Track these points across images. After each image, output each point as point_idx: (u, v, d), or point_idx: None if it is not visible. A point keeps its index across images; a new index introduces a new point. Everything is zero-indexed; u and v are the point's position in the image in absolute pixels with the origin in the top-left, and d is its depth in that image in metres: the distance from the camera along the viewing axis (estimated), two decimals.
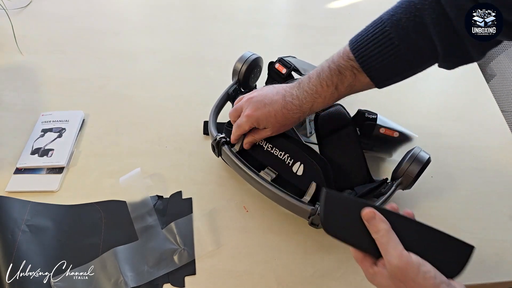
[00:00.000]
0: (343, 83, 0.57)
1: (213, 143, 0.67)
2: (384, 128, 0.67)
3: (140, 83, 0.91)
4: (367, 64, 0.55)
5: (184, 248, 0.63)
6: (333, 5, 1.13)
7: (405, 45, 0.53)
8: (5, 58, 0.96)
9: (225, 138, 0.67)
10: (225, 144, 0.66)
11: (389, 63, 0.55)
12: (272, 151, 0.64)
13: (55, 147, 0.76)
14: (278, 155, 0.64)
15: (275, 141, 0.64)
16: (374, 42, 0.55)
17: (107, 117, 0.83)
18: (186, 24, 1.08)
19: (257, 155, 0.65)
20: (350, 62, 0.57)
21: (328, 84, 0.57)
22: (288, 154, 0.63)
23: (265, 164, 0.65)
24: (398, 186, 0.61)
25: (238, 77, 0.75)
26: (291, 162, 0.63)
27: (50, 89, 0.89)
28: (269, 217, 0.67)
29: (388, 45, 0.54)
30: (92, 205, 0.68)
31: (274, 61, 0.77)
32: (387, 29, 0.54)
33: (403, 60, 0.55)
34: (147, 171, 0.73)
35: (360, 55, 0.56)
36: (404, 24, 0.53)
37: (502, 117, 0.82)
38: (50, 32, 1.04)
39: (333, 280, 0.60)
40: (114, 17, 1.10)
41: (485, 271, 0.60)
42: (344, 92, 0.58)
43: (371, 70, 0.56)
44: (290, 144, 0.63)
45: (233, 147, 0.67)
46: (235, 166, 0.65)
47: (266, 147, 0.65)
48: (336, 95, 0.58)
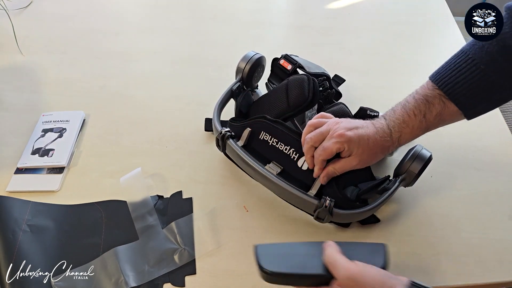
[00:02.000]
0: (431, 112, 0.56)
1: (218, 137, 0.67)
2: None
3: (141, 83, 0.91)
4: (453, 90, 0.54)
5: (184, 248, 0.63)
6: (333, 5, 1.13)
7: (492, 69, 0.52)
8: (6, 58, 0.96)
9: (230, 132, 0.66)
10: (230, 138, 0.66)
11: (477, 88, 0.53)
12: (277, 146, 0.64)
13: (56, 147, 0.76)
14: (283, 150, 0.63)
15: (280, 135, 0.64)
16: (458, 70, 0.54)
17: (107, 117, 0.83)
18: (186, 24, 1.08)
19: (262, 150, 0.65)
20: (436, 91, 0.56)
21: (416, 113, 0.56)
22: (293, 149, 0.63)
23: (270, 158, 0.65)
24: (402, 182, 0.62)
25: (242, 75, 0.74)
26: (296, 157, 0.63)
27: (50, 89, 0.89)
28: (269, 217, 0.67)
29: (473, 70, 0.53)
30: (93, 205, 0.69)
31: (279, 57, 0.77)
32: (470, 56, 0.54)
33: (491, 83, 0.53)
34: (147, 171, 0.73)
35: (444, 83, 0.55)
36: (487, 49, 0.52)
37: (502, 117, 0.82)
38: (51, 32, 1.04)
39: None
40: (115, 17, 1.10)
41: (485, 271, 0.60)
42: (433, 122, 0.57)
43: (458, 97, 0.54)
44: (295, 138, 0.63)
45: (237, 142, 0.66)
46: (240, 160, 0.65)
47: (271, 141, 0.64)
48: (424, 124, 0.57)
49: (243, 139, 0.66)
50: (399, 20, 1.09)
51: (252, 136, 0.66)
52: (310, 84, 0.66)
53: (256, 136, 0.66)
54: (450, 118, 0.57)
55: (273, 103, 0.69)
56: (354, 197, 0.61)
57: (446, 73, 0.55)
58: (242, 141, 0.66)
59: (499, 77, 0.52)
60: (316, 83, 0.68)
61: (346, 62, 0.95)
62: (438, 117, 0.56)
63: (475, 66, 0.53)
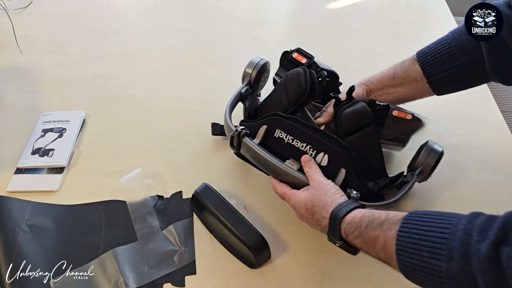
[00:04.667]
0: (400, 66, 0.68)
1: (233, 135, 0.64)
2: (397, 110, 0.67)
3: (141, 83, 0.91)
4: (423, 56, 0.65)
5: (184, 249, 0.63)
6: (333, 5, 1.13)
7: (456, 43, 0.62)
8: (6, 58, 0.97)
9: (246, 130, 0.64)
10: (245, 136, 0.64)
11: (440, 58, 0.63)
12: (293, 143, 0.62)
13: (56, 147, 0.76)
14: (300, 147, 0.62)
15: (295, 132, 0.62)
16: (434, 43, 0.65)
17: (107, 117, 0.83)
18: (187, 25, 1.08)
19: (278, 148, 0.63)
20: (412, 56, 0.68)
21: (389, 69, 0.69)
22: (310, 145, 0.61)
23: (287, 156, 0.63)
24: (418, 176, 0.63)
25: (249, 80, 0.74)
26: (313, 153, 0.61)
27: (50, 89, 0.89)
28: (269, 217, 0.67)
29: (443, 43, 0.64)
30: (93, 205, 0.69)
31: (291, 50, 0.75)
32: (448, 34, 0.64)
33: (452, 56, 0.62)
34: (147, 171, 0.73)
35: (420, 52, 0.67)
36: (459, 29, 0.62)
37: (502, 117, 0.82)
38: (51, 32, 1.04)
39: (334, 280, 0.60)
40: (115, 17, 1.10)
41: None
42: (400, 74, 0.67)
43: (425, 61, 0.65)
44: (311, 134, 0.61)
45: (253, 140, 0.64)
46: (258, 158, 0.63)
47: (287, 139, 0.63)
48: (392, 71, 0.68)
49: (259, 137, 0.64)
50: (399, 20, 1.09)
51: (267, 134, 0.64)
52: (307, 75, 0.65)
53: (272, 134, 0.64)
54: (414, 81, 0.66)
55: (275, 102, 0.69)
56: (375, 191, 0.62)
57: (426, 48, 0.66)
58: (258, 139, 0.64)
59: (458, 51, 0.61)
60: (314, 74, 0.66)
61: (346, 62, 0.95)
62: (405, 72, 0.66)
63: (445, 41, 0.63)
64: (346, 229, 0.50)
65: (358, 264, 0.61)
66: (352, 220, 0.50)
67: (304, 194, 0.57)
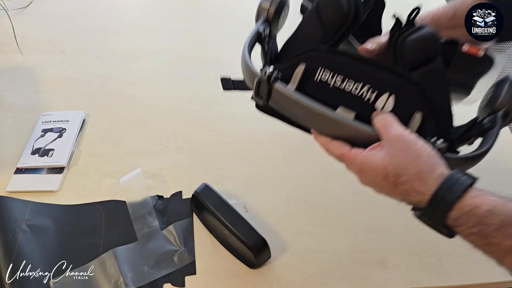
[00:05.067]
0: (465, 2, 0.58)
1: (260, 79, 0.48)
2: (468, 45, 0.52)
3: (141, 83, 0.91)
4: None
5: (184, 250, 0.63)
6: None
7: None
8: (6, 58, 0.96)
9: (277, 71, 0.47)
10: (278, 79, 0.47)
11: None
12: (344, 86, 0.46)
13: (56, 147, 0.76)
14: (352, 90, 0.46)
15: (347, 69, 0.46)
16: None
17: (107, 117, 0.83)
18: (186, 25, 1.08)
19: (321, 96, 0.47)
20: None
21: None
22: (368, 85, 0.46)
23: (335, 105, 0.47)
24: (507, 118, 0.49)
25: (268, 16, 0.57)
26: (373, 97, 0.46)
27: (50, 89, 0.89)
28: (269, 216, 0.67)
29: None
30: (93, 205, 0.69)
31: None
32: None
33: None
34: (147, 171, 0.73)
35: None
36: None
37: None
38: (51, 32, 1.04)
39: (333, 280, 0.60)
40: (114, 17, 1.10)
41: (485, 271, 0.60)
42: (462, 10, 0.56)
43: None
44: (369, 69, 0.46)
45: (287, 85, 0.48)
46: (300, 107, 0.47)
47: (334, 81, 0.46)
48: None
49: (295, 81, 0.48)
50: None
51: (305, 78, 0.48)
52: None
53: (311, 77, 0.48)
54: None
55: (305, 37, 0.53)
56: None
57: None
58: (293, 83, 0.48)
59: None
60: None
61: None
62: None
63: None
64: (458, 219, 0.38)
65: (358, 264, 0.61)
66: (472, 211, 0.37)
67: (379, 156, 0.41)
